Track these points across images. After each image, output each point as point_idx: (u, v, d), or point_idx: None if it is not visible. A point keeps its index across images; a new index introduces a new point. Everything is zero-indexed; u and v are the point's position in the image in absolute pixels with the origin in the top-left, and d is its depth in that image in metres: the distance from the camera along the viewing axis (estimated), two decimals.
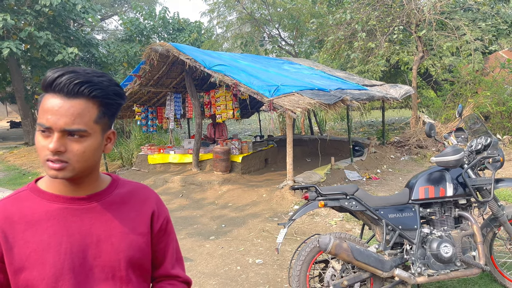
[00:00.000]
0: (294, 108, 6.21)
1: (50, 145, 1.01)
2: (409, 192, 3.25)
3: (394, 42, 12.27)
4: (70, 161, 1.04)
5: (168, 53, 7.86)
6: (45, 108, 1.03)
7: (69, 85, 1.01)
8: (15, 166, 12.70)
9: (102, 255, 1.12)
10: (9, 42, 13.62)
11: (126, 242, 1.15)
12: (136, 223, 1.19)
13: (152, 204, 1.25)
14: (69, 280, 1.07)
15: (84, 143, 1.05)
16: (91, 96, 1.04)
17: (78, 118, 1.03)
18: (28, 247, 1.05)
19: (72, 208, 1.11)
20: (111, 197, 1.18)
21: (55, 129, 1.02)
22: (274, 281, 4.00)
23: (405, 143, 10.99)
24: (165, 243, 1.29)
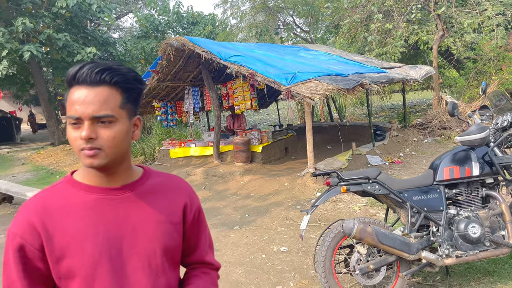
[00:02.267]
0: (312, 95, 6.16)
1: (82, 133, 1.04)
2: (433, 173, 3.19)
3: (412, 22, 11.96)
4: (102, 147, 1.07)
5: (184, 47, 7.89)
6: (72, 100, 1.06)
7: (91, 74, 1.05)
8: (42, 166, 13.06)
9: (138, 244, 1.15)
10: (29, 46, 13.92)
11: (161, 231, 1.18)
12: (169, 213, 1.22)
13: (184, 194, 1.28)
14: (107, 268, 1.10)
15: (113, 129, 1.08)
16: (112, 82, 1.07)
17: (104, 104, 1.06)
18: (67, 236, 1.08)
19: (107, 198, 1.14)
20: (144, 187, 1.21)
21: (85, 118, 1.05)
22: (300, 268, 4.01)
23: (427, 125, 10.77)
24: (198, 231, 1.32)
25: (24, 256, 1.07)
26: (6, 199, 8.06)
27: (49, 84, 19.49)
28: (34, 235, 1.07)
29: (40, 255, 1.08)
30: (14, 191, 7.24)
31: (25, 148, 17.48)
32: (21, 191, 7.02)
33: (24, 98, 24.21)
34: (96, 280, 1.09)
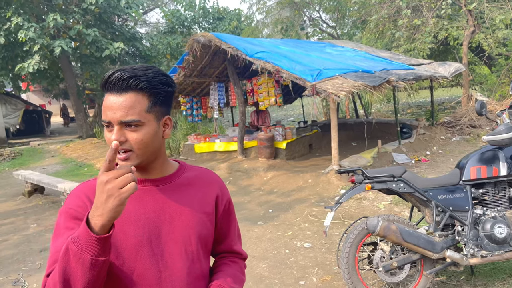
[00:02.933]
0: (337, 92, 6.15)
1: (112, 137, 1.15)
2: (459, 172, 3.16)
3: (442, 17, 11.70)
4: (132, 149, 1.16)
5: (210, 43, 7.98)
6: (104, 106, 1.17)
7: (118, 83, 1.14)
8: (71, 158, 13.46)
9: (175, 231, 1.24)
10: (60, 41, 14.31)
11: (195, 220, 1.27)
12: (202, 203, 1.31)
13: (216, 187, 1.38)
14: (148, 251, 1.19)
15: (140, 132, 1.16)
16: (138, 88, 1.15)
17: (131, 110, 1.14)
18: None
19: (148, 189, 1.24)
20: (180, 179, 1.31)
21: (114, 123, 1.14)
22: (323, 264, 4.05)
23: (456, 123, 10.55)
24: (228, 222, 1.42)
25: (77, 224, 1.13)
26: (37, 190, 8.38)
27: (78, 78, 19.99)
28: (84, 207, 1.17)
29: None
30: (45, 182, 7.51)
31: (54, 140, 18.02)
32: (52, 183, 7.28)
33: (53, 92, 24.93)
34: (137, 262, 1.18)
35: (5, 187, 9.71)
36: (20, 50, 15.15)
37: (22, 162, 13.54)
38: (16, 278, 4.42)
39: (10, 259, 5.01)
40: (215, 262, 1.44)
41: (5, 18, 14.13)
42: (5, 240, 5.75)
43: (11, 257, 5.07)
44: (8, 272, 4.61)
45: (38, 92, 29.56)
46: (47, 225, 6.28)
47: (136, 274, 1.19)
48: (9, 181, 10.48)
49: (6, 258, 5.06)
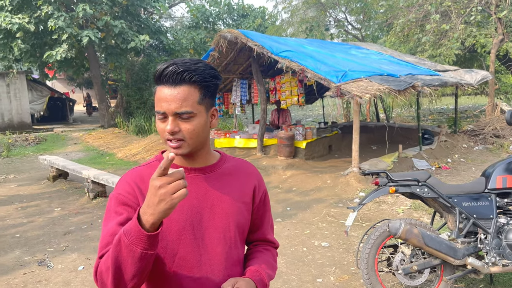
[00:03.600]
0: (362, 94, 6.15)
1: (167, 127, 1.21)
2: (485, 181, 3.16)
3: (471, 24, 11.53)
4: (185, 138, 1.23)
5: (237, 40, 8.06)
6: (159, 98, 1.23)
7: (172, 76, 1.20)
8: (93, 147, 13.75)
9: (215, 218, 1.31)
10: (88, 31, 14.62)
11: (234, 208, 1.34)
12: (241, 193, 1.38)
13: (254, 178, 1.44)
14: (190, 235, 1.27)
15: (193, 122, 1.23)
16: (191, 81, 1.22)
17: (185, 102, 1.21)
18: None
19: (191, 177, 1.31)
20: (221, 169, 1.37)
21: (169, 114, 1.21)
22: (340, 263, 4.09)
23: (479, 132, 10.40)
24: (263, 212, 1.48)
25: (126, 210, 1.22)
26: (62, 175, 8.61)
27: (102, 68, 20.34)
28: (134, 195, 1.25)
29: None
30: (70, 168, 7.72)
31: (77, 128, 18.42)
32: (76, 169, 7.48)
33: (77, 80, 25.41)
34: (180, 245, 1.26)
35: (29, 171, 10.00)
36: (48, 38, 15.52)
37: (46, 147, 13.89)
38: (41, 259, 4.58)
39: (35, 239, 5.19)
40: (249, 249, 1.51)
41: (36, 6, 14.49)
42: (31, 221, 5.95)
43: (37, 238, 5.25)
44: (34, 252, 4.78)
45: (63, 80, 30.17)
46: (70, 210, 6.47)
47: (178, 256, 1.26)
48: (33, 165, 10.79)
49: (32, 238, 5.24)
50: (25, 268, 4.34)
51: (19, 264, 4.46)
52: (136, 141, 13.22)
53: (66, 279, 4.05)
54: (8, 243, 5.10)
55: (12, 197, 7.49)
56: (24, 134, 16.42)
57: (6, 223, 5.91)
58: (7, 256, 4.71)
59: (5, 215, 6.34)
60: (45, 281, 4.03)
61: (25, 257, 4.64)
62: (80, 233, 5.36)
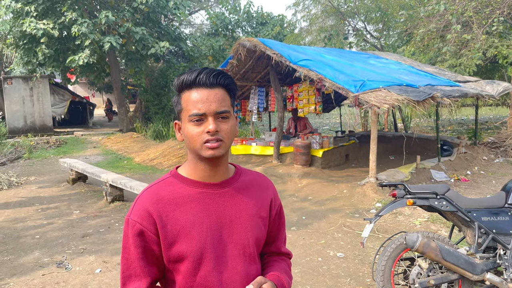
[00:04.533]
0: (380, 104, 6.12)
1: (210, 126, 1.22)
2: (505, 195, 3.11)
3: (493, 35, 11.36)
4: (223, 138, 1.25)
5: (255, 48, 8.12)
6: (195, 100, 1.24)
7: (210, 78, 1.24)
8: (112, 150, 13.96)
9: (235, 234, 1.30)
10: (110, 37, 14.92)
11: (252, 223, 1.34)
12: (258, 207, 1.37)
13: (270, 192, 1.44)
14: (211, 254, 1.26)
15: (229, 123, 1.27)
16: (225, 84, 1.27)
17: (223, 102, 1.25)
18: (178, 224, 1.25)
19: (209, 192, 1.30)
20: (238, 183, 1.37)
21: (209, 114, 1.23)
22: (356, 275, 4.06)
23: (500, 144, 10.21)
24: (278, 225, 1.48)
25: (143, 240, 1.25)
26: (81, 178, 8.77)
27: (122, 73, 20.71)
28: (151, 222, 1.25)
29: (156, 239, 1.25)
30: (89, 171, 7.86)
31: (96, 132, 18.73)
32: (96, 172, 7.61)
33: (98, 85, 25.86)
34: (202, 264, 1.26)
35: (50, 173, 10.22)
36: (71, 43, 15.89)
37: (66, 150, 14.17)
38: (60, 260, 4.67)
39: (54, 241, 5.30)
40: (264, 259, 1.50)
41: (60, 13, 14.87)
42: (50, 223, 6.08)
43: (56, 239, 5.36)
44: (52, 254, 4.88)
45: (84, 85, 30.77)
46: (89, 213, 6.59)
47: (200, 275, 1.26)
48: (53, 167, 11.02)
49: (51, 240, 5.35)
50: (43, 269, 4.44)
51: (38, 265, 4.56)
52: (154, 146, 13.38)
53: (83, 281, 4.12)
54: (28, 244, 5.22)
55: (33, 198, 7.66)
56: (45, 136, 16.81)
57: (26, 224, 6.05)
58: (27, 257, 4.82)
59: (25, 216, 6.49)
60: (63, 283, 4.10)
61: (44, 259, 4.74)
62: (98, 236, 5.45)
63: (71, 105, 21.26)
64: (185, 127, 1.26)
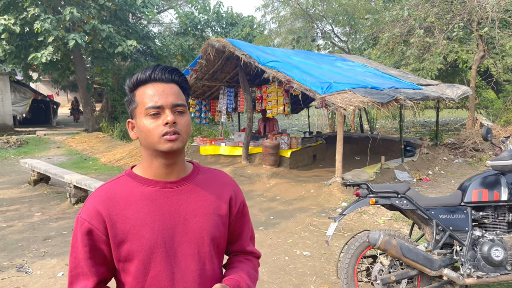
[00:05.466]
0: (346, 106, 6.26)
1: (168, 117, 1.22)
2: (461, 194, 3.26)
3: (453, 40, 11.85)
4: (180, 132, 1.24)
5: (224, 48, 8.13)
6: (151, 94, 1.24)
7: (165, 73, 1.26)
8: (76, 151, 13.59)
9: (189, 233, 1.29)
10: (74, 34, 14.52)
11: (209, 222, 1.32)
12: (216, 205, 1.35)
13: (230, 189, 1.42)
14: (161, 253, 1.24)
15: (185, 117, 1.27)
16: (179, 81, 1.30)
17: (179, 96, 1.27)
18: (128, 223, 1.23)
19: (163, 191, 1.29)
20: (195, 181, 1.35)
21: (166, 106, 1.23)
22: (321, 273, 4.14)
23: (459, 145, 10.65)
24: (241, 223, 1.46)
25: (91, 239, 1.23)
26: (43, 179, 8.49)
27: (88, 72, 20.19)
28: (100, 220, 1.23)
29: (104, 239, 1.24)
30: (52, 172, 7.62)
31: (60, 132, 18.17)
32: (59, 173, 7.39)
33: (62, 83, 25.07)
34: (151, 263, 1.24)
35: (10, 174, 9.84)
36: (34, 40, 15.36)
37: (28, 150, 13.68)
38: (20, 264, 4.52)
39: (14, 244, 5.12)
40: (229, 259, 1.49)
41: (22, 8, 14.35)
42: (10, 226, 5.87)
43: (16, 243, 5.18)
44: (12, 258, 4.71)
45: (47, 83, 29.79)
46: (51, 214, 6.39)
47: (151, 276, 1.24)
48: (14, 168, 10.62)
49: (11, 243, 5.16)
50: (2, 274, 4.28)
51: None
52: (121, 146, 13.13)
53: (44, 285, 4.00)
54: None
55: None
56: (5, 136, 16.13)
57: None
58: None
59: None
60: (23, 287, 3.97)
61: (3, 262, 4.57)
62: (61, 239, 5.31)
63: (33, 104, 20.51)
64: (141, 122, 1.24)
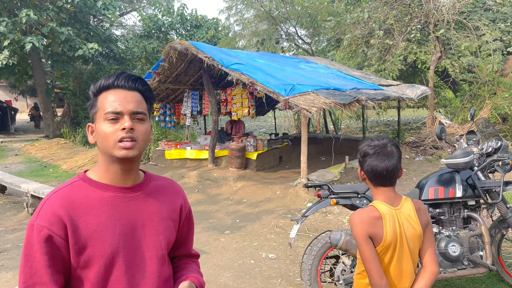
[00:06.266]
0: (309, 108, 6.32)
1: (125, 123, 1.23)
2: (419, 192, 3.34)
3: (412, 42, 12.23)
4: (138, 139, 1.26)
5: (187, 51, 8.04)
6: (112, 100, 1.25)
7: (128, 81, 1.28)
8: (36, 158, 13.08)
9: (147, 236, 1.31)
10: (31, 37, 13.99)
11: (164, 226, 1.36)
12: (169, 211, 1.40)
13: (180, 197, 1.48)
14: (123, 257, 1.25)
15: (144, 125, 1.29)
16: (142, 90, 1.31)
17: (140, 104, 1.29)
18: (90, 228, 1.22)
19: (121, 196, 1.30)
20: (149, 188, 1.38)
21: (126, 112, 1.24)
22: (287, 275, 4.14)
23: (420, 143, 10.98)
24: (188, 229, 1.53)
25: (51, 246, 1.18)
26: None
27: (47, 76, 19.50)
28: (61, 226, 1.19)
29: (65, 245, 1.20)
30: (8, 181, 7.31)
31: (19, 139, 17.45)
32: (15, 182, 7.09)
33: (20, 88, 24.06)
34: (113, 268, 1.24)
35: None
36: None
37: None
38: None
39: None
40: (175, 262, 1.53)
41: None
42: None
43: None
44: None
45: (4, 88, 28.55)
46: (7, 226, 6.11)
47: (112, 279, 1.24)
48: None
49: None
50: None
51: None
52: (83, 152, 12.75)
53: None
54: None
55: None
56: None
57: None
58: None
59: None
60: None
61: None
62: (17, 251, 5.07)
63: None
64: (99, 126, 1.26)
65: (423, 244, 1.82)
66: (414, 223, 1.78)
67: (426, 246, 1.82)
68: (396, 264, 1.76)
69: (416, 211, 1.82)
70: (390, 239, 1.72)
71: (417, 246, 1.80)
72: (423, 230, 1.80)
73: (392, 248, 1.74)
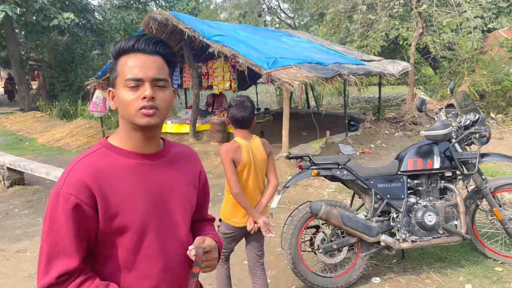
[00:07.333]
0: (291, 81, 6.29)
1: (146, 92, 1.19)
2: (398, 164, 3.40)
3: (394, 17, 12.21)
4: (159, 107, 1.22)
5: (167, 22, 7.83)
6: (131, 65, 1.20)
7: (149, 44, 1.22)
8: (11, 131, 12.75)
9: (173, 202, 1.32)
10: (4, 6, 13.40)
11: (189, 191, 1.39)
12: (190, 177, 1.42)
13: (198, 162, 1.50)
14: (154, 223, 1.26)
15: (166, 92, 1.24)
16: (164, 54, 1.25)
17: (162, 70, 1.23)
18: (119, 195, 1.20)
19: (147, 163, 1.28)
20: (170, 154, 1.37)
21: (146, 79, 1.20)
22: (267, 245, 4.17)
23: (400, 119, 11.12)
24: (204, 194, 1.54)
25: (78, 215, 1.14)
26: None
27: (21, 47, 18.80)
28: (88, 194, 1.15)
29: (92, 213, 1.17)
30: None
31: None
32: None
33: None
34: (145, 234, 1.24)
35: None
36: None
37: None
38: None
39: None
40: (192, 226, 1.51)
41: None
42: None
43: None
44: None
45: None
46: None
47: (144, 247, 1.24)
48: None
49: None
50: None
51: None
52: (61, 125, 12.45)
53: None
54: None
55: None
56: None
57: None
58: None
59: None
60: None
61: None
62: None
63: None
64: (120, 92, 1.22)
65: (268, 166, 2.70)
66: (261, 151, 2.65)
67: (270, 168, 2.72)
68: (252, 179, 2.61)
69: (263, 144, 2.68)
70: (245, 161, 2.56)
71: (264, 168, 2.68)
72: (267, 156, 2.68)
73: (247, 167, 2.58)
